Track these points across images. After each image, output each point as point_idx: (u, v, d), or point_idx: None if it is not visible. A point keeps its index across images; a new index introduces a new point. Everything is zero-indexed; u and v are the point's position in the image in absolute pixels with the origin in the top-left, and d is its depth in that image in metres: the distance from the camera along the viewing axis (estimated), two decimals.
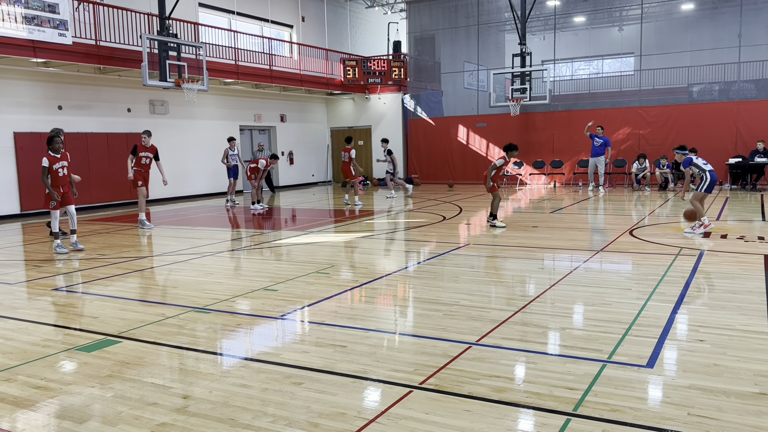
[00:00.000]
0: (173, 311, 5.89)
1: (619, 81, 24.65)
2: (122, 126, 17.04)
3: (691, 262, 7.58)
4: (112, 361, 4.52)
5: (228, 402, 3.73)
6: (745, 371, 3.99)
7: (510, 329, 5.04)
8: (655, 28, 22.76)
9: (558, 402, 3.59)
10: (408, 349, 4.70)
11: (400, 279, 7.27)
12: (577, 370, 4.08)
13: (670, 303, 5.70)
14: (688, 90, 21.27)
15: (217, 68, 18.11)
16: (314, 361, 4.40)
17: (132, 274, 7.83)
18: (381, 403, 3.70)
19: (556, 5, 23.06)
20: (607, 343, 4.61)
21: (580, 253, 8.52)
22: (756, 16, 20.72)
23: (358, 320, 5.45)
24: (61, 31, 13.76)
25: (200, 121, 19.78)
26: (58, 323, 5.62)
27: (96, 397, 3.87)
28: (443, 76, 24.80)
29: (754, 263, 7.43)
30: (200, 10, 19.76)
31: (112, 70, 16.04)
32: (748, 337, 4.69)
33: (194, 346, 4.87)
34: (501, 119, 22.29)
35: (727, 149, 18.85)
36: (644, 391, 3.77)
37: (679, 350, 4.50)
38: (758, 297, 5.84)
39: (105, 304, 6.32)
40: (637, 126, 20.44)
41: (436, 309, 5.73)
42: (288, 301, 6.18)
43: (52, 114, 15.54)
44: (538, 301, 5.94)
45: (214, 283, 7.17)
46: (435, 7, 24.67)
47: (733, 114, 19.04)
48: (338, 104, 25.63)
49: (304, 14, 24.07)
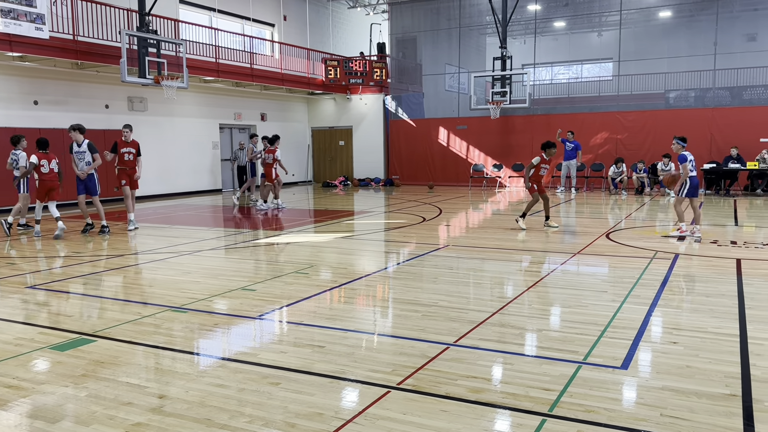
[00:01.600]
0: (150, 310, 5.84)
1: (598, 86, 24.97)
2: (100, 122, 16.81)
3: (666, 265, 7.70)
4: (86, 360, 4.46)
5: (204, 402, 3.70)
6: (717, 373, 4.07)
7: (488, 330, 5.07)
8: (634, 35, 23.08)
9: (534, 402, 3.63)
10: (386, 349, 4.71)
11: (380, 280, 7.27)
12: (553, 371, 4.12)
13: (644, 305, 5.78)
14: (665, 96, 21.62)
15: (198, 66, 17.96)
16: (292, 361, 4.39)
17: (108, 273, 7.73)
18: (358, 403, 3.70)
19: (537, 10, 23.27)
20: (582, 344, 4.67)
21: (558, 255, 8.60)
22: (731, 24, 21.14)
23: (337, 320, 5.45)
24: (38, 25, 13.53)
25: (180, 118, 19.59)
26: (32, 321, 5.53)
27: (69, 396, 3.82)
28: (424, 78, 24.88)
29: (727, 267, 7.57)
30: (181, 6, 19.58)
31: (89, 65, 15.83)
32: (720, 339, 4.78)
33: (171, 345, 4.83)
34: (481, 122, 22.42)
35: (702, 155, 19.15)
36: (618, 392, 3.83)
37: (653, 352, 4.58)
38: (730, 300, 5.96)
39: (80, 303, 6.23)
40: (614, 131, 20.71)
41: (414, 310, 5.75)
42: (266, 301, 6.16)
43: (28, 109, 15.29)
44: (515, 303, 5.99)
45: (192, 282, 7.11)
46: (417, 9, 24.74)
47: (708, 120, 19.37)
48: (319, 104, 25.58)
49: (286, 13, 23.97)
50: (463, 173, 22.70)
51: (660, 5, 22.96)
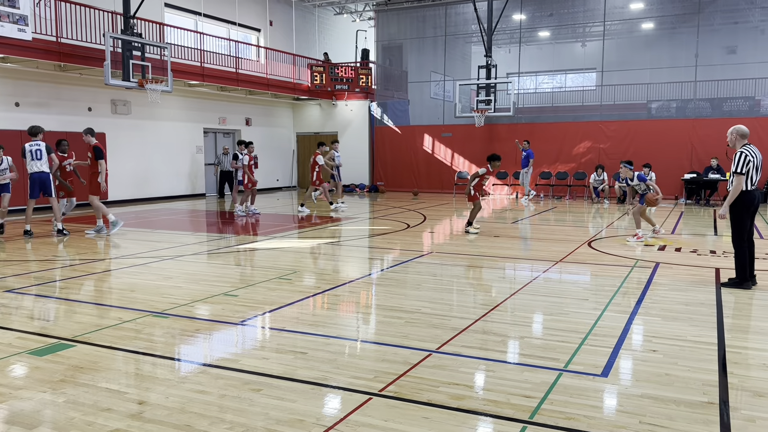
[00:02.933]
0: (130, 315, 5.78)
1: (581, 95, 25.25)
2: (82, 125, 16.54)
3: (647, 274, 7.79)
4: (65, 365, 4.41)
5: (185, 408, 3.67)
6: (695, 381, 4.12)
7: (470, 337, 5.09)
8: (617, 45, 23.39)
9: (515, 410, 3.64)
10: (369, 356, 4.71)
11: (363, 286, 7.27)
12: (534, 379, 4.14)
13: (625, 314, 5.84)
14: (647, 106, 21.89)
15: (182, 69, 17.89)
16: (274, 367, 4.37)
17: (88, 277, 7.65)
18: (340, 410, 3.70)
19: (522, 19, 23.48)
20: (563, 352, 4.70)
21: (540, 263, 8.66)
22: (712, 37, 21.49)
23: (320, 327, 5.43)
24: (21, 27, 13.40)
25: (163, 122, 19.47)
26: (9, 326, 5.45)
27: (47, 402, 3.77)
28: (410, 85, 24.98)
29: (706, 276, 7.67)
30: (166, 10, 19.50)
31: (73, 67, 15.69)
32: (699, 347, 4.84)
33: (151, 351, 4.79)
34: (466, 129, 22.54)
35: (683, 165, 19.44)
36: (599, 399, 3.86)
37: (633, 360, 4.62)
38: (709, 309, 6.03)
39: (59, 307, 6.16)
40: (597, 140, 20.92)
41: (397, 316, 5.75)
42: (248, 307, 6.13)
43: (9, 111, 15.12)
44: (498, 310, 6.01)
45: (173, 287, 7.05)
46: (403, 17, 24.85)
47: (688, 131, 19.65)
48: (305, 109, 25.56)
49: (272, 18, 23.97)
50: (448, 180, 22.78)
51: (643, 17, 23.29)
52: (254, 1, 23.09)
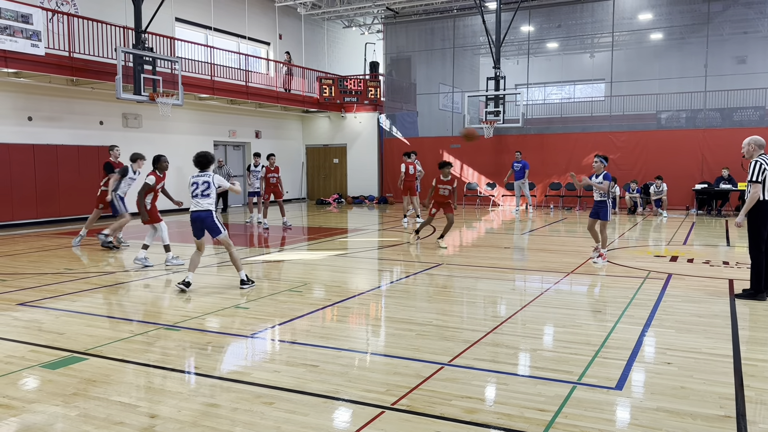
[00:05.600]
0: (142, 328, 5.79)
1: (590, 106, 25.20)
2: (94, 139, 16.81)
3: (659, 285, 7.72)
4: (77, 378, 4.42)
5: (197, 422, 3.67)
6: (711, 394, 4.07)
7: (482, 350, 5.06)
8: (626, 56, 23.36)
9: (529, 423, 3.61)
10: (380, 369, 4.68)
11: (373, 298, 7.26)
12: (547, 392, 4.11)
13: (638, 326, 5.79)
14: (657, 117, 21.82)
15: (193, 83, 18.03)
16: (285, 380, 4.36)
17: (100, 290, 7.68)
18: (352, 423, 3.68)
19: (530, 31, 23.53)
20: (577, 364, 4.66)
21: (551, 274, 8.61)
22: (721, 47, 21.43)
23: (331, 339, 5.42)
24: (34, 42, 13.58)
25: (174, 135, 19.60)
26: (23, 339, 5.47)
27: (60, 415, 3.77)
28: (419, 97, 25.05)
29: (719, 287, 7.60)
30: (177, 24, 19.70)
31: (85, 82, 15.86)
32: (714, 360, 4.78)
33: (163, 364, 4.79)
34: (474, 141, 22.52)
35: (694, 175, 19.33)
36: (613, 413, 3.82)
37: (647, 373, 4.57)
38: (723, 321, 5.97)
39: (71, 320, 6.18)
40: (607, 151, 20.80)
41: (408, 329, 5.73)
42: (259, 320, 6.12)
43: (22, 125, 15.27)
44: (509, 322, 5.98)
45: (184, 300, 7.07)
46: (411, 29, 24.97)
47: (699, 141, 19.55)
48: (314, 122, 25.67)
49: (282, 32, 24.15)
50: (457, 192, 22.72)
51: (651, 28, 23.27)
52: (264, 15, 23.28)
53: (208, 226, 7.49)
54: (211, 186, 7.50)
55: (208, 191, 7.49)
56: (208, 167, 7.64)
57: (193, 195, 7.50)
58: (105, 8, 16.74)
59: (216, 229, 7.50)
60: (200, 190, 7.48)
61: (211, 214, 7.50)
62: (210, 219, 7.47)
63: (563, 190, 20.99)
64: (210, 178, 7.53)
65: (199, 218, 7.46)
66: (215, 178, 7.57)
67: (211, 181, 7.51)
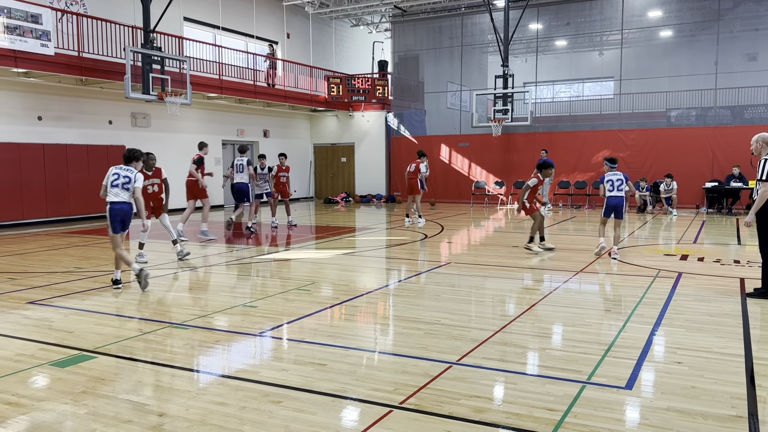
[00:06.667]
0: (150, 326, 5.81)
1: (599, 104, 25.04)
2: (103, 138, 16.89)
3: (669, 284, 7.67)
4: (86, 377, 4.43)
5: (205, 420, 3.67)
6: (722, 394, 4.03)
7: (490, 349, 5.04)
8: (635, 54, 23.20)
9: (538, 423, 3.59)
10: (388, 368, 4.67)
11: (381, 297, 7.24)
12: (556, 391, 4.08)
13: (648, 325, 5.75)
14: (666, 114, 21.67)
15: (201, 82, 18.07)
16: (293, 379, 4.36)
17: (109, 288, 7.71)
18: (360, 422, 3.67)
19: (539, 29, 23.43)
20: (586, 364, 4.63)
21: (560, 273, 8.57)
22: (732, 44, 21.24)
23: (339, 338, 5.41)
24: (44, 42, 13.65)
25: (182, 134, 19.66)
26: (32, 337, 5.50)
27: (69, 414, 3.79)
28: (426, 96, 25.00)
29: (730, 286, 7.53)
30: (185, 24, 19.75)
31: (94, 81, 15.93)
32: (725, 359, 4.74)
33: (171, 362, 4.80)
34: (483, 139, 22.48)
35: (704, 173, 19.19)
36: (623, 412, 3.79)
37: (657, 372, 4.53)
38: (734, 320, 5.92)
39: (81, 319, 6.20)
40: (616, 149, 20.73)
41: (416, 328, 5.72)
42: (267, 318, 6.13)
43: (32, 124, 15.36)
44: (518, 321, 5.95)
45: (193, 298, 7.08)
46: (419, 28, 24.93)
47: (709, 139, 19.41)
48: (322, 121, 25.69)
49: (290, 31, 24.17)
50: (465, 190, 22.71)
51: (661, 25, 23.10)
52: (272, 14, 23.31)
53: (129, 219, 7.67)
54: (131, 181, 7.62)
55: (128, 185, 7.60)
56: (131, 163, 7.84)
57: (113, 185, 7.58)
58: (114, 8, 16.81)
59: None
60: (122, 182, 7.60)
61: (132, 207, 7.68)
62: (131, 211, 7.65)
63: (572, 189, 20.90)
64: (132, 174, 7.66)
65: (122, 210, 7.54)
66: (137, 174, 7.69)
67: (133, 177, 7.63)
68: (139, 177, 7.67)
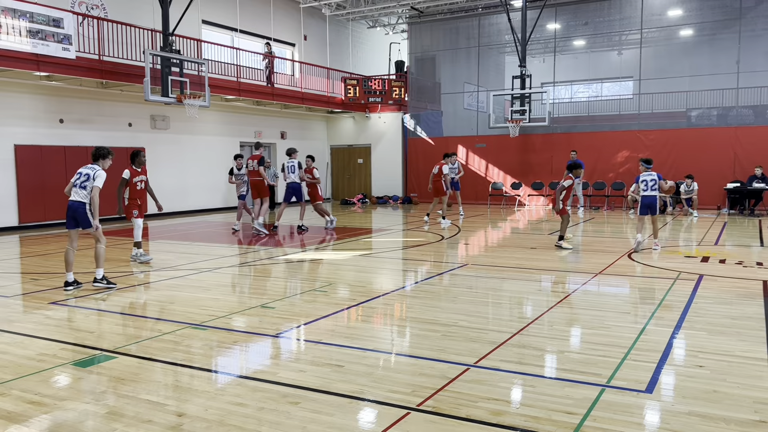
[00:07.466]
0: (170, 327, 5.86)
1: (618, 104, 24.79)
2: (123, 140, 17.07)
3: (690, 286, 7.57)
4: (107, 376, 4.48)
5: (223, 420, 3.69)
6: (745, 398, 3.97)
7: (508, 351, 5.01)
8: (654, 53, 22.95)
9: (556, 426, 3.56)
10: (405, 370, 4.67)
11: (398, 298, 7.24)
12: (575, 394, 4.05)
13: (668, 327, 5.68)
14: (687, 114, 21.40)
15: (219, 85, 18.20)
16: (311, 380, 4.37)
17: (129, 289, 7.79)
18: (378, 424, 3.67)
19: (557, 29, 23.28)
20: (605, 367, 4.58)
21: (579, 275, 8.50)
22: (754, 43, 20.92)
23: (356, 339, 5.42)
24: (65, 46, 13.84)
25: (201, 136, 19.83)
26: (54, 337, 5.58)
27: (90, 413, 3.83)
28: (443, 97, 24.95)
29: (752, 289, 7.42)
30: (203, 27, 19.92)
31: (114, 84, 16.12)
32: (748, 363, 4.66)
33: (190, 362, 4.84)
34: (500, 140, 22.38)
35: (725, 174, 18.92)
36: (643, 416, 3.74)
37: (678, 376, 4.48)
38: (757, 323, 5.83)
39: (101, 319, 6.28)
40: (635, 149, 20.53)
41: (434, 329, 5.70)
42: (285, 319, 6.15)
43: (53, 127, 15.58)
44: (536, 324, 5.91)
45: (211, 299, 7.13)
46: (436, 29, 24.89)
47: (731, 139, 19.15)
48: (339, 122, 25.75)
49: (307, 33, 24.27)
50: (482, 191, 22.62)
51: (681, 24, 22.82)
52: (289, 17, 23.42)
53: (80, 217, 7.65)
54: (90, 179, 7.67)
55: (86, 183, 7.67)
56: (97, 161, 7.94)
57: (74, 184, 7.71)
58: (133, 11, 17.01)
59: (87, 222, 7.67)
60: (80, 180, 7.69)
61: (84, 206, 7.67)
62: (82, 210, 7.64)
63: (591, 190, 20.72)
64: (93, 172, 7.72)
65: (72, 207, 7.65)
66: (98, 173, 7.73)
67: (92, 175, 7.69)
68: (100, 175, 7.75)
